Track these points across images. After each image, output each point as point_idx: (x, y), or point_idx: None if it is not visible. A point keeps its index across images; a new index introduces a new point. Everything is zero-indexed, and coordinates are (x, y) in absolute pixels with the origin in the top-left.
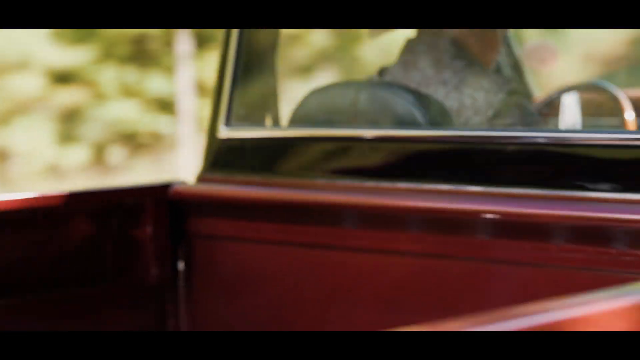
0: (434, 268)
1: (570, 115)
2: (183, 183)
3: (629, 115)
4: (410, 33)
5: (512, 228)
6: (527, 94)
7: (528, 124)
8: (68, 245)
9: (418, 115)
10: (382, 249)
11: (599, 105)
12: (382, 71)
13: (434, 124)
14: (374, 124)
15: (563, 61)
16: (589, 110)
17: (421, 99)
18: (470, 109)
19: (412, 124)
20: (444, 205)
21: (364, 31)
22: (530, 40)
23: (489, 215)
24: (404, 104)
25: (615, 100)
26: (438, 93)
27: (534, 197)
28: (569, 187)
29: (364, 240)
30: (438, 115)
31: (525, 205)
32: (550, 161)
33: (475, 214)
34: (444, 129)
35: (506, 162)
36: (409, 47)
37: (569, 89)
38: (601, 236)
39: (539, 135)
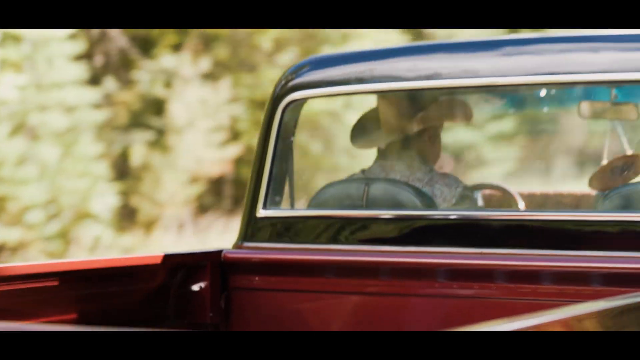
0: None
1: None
2: (231, 250)
3: (520, 204)
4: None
5: (466, 274)
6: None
7: (474, 207)
8: (146, 293)
9: (417, 201)
10: (387, 292)
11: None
12: (364, 172)
13: (427, 207)
14: (382, 207)
15: None
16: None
17: (415, 190)
18: (440, 198)
19: (414, 207)
20: (441, 261)
21: None
22: None
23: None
24: (409, 194)
25: (510, 195)
26: (417, 187)
27: (473, 255)
28: (503, 246)
29: (363, 288)
30: (426, 201)
31: (481, 258)
32: (495, 228)
33: (460, 265)
34: (432, 211)
35: (470, 231)
36: (383, 154)
37: (478, 187)
38: (509, 276)
39: (487, 214)
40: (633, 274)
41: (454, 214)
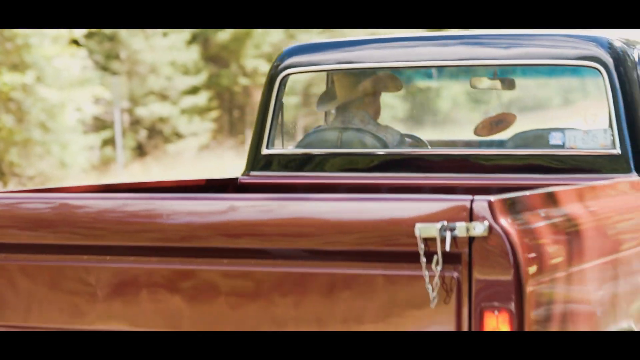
0: None
1: None
2: (242, 176)
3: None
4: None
5: (408, 190)
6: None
7: (409, 147)
8: None
9: (376, 143)
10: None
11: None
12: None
13: (382, 147)
14: (352, 147)
15: None
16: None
17: (374, 136)
18: (387, 142)
19: (374, 147)
20: (384, 181)
21: None
22: None
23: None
24: (370, 138)
25: (422, 141)
26: (373, 133)
27: (416, 177)
28: (418, 171)
29: None
30: (382, 143)
31: (414, 179)
32: (418, 162)
33: (396, 184)
34: (383, 149)
35: (407, 164)
36: (341, 113)
37: (405, 135)
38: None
39: (415, 150)
40: (511, 188)
41: (398, 152)
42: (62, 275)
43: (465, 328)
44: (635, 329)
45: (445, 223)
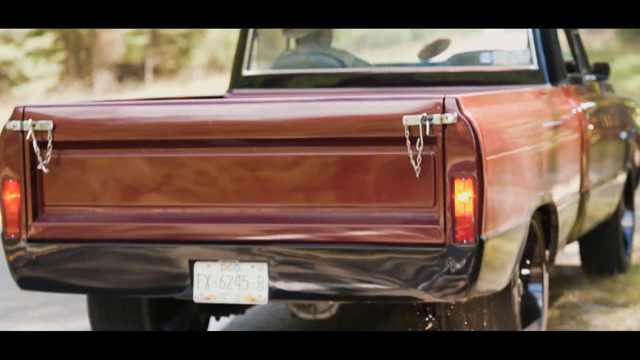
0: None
1: None
2: (227, 93)
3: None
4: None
5: None
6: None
7: (363, 66)
8: None
9: (337, 64)
10: None
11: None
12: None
13: (342, 67)
14: (317, 67)
15: None
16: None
17: (335, 58)
18: (345, 63)
19: (336, 67)
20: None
21: None
22: None
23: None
24: (333, 60)
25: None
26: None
27: (372, 91)
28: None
29: None
30: (342, 64)
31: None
32: (374, 79)
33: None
34: (345, 69)
35: (365, 80)
36: (303, 40)
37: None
38: None
39: (373, 70)
40: None
41: (358, 70)
42: (126, 165)
43: (440, 191)
44: (553, 200)
45: (425, 115)
